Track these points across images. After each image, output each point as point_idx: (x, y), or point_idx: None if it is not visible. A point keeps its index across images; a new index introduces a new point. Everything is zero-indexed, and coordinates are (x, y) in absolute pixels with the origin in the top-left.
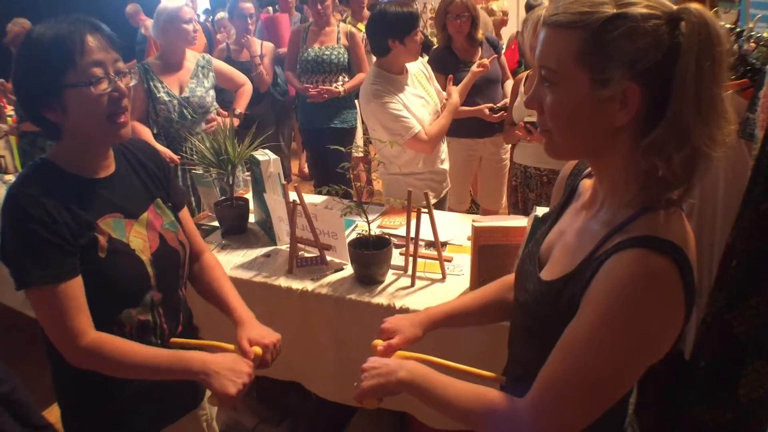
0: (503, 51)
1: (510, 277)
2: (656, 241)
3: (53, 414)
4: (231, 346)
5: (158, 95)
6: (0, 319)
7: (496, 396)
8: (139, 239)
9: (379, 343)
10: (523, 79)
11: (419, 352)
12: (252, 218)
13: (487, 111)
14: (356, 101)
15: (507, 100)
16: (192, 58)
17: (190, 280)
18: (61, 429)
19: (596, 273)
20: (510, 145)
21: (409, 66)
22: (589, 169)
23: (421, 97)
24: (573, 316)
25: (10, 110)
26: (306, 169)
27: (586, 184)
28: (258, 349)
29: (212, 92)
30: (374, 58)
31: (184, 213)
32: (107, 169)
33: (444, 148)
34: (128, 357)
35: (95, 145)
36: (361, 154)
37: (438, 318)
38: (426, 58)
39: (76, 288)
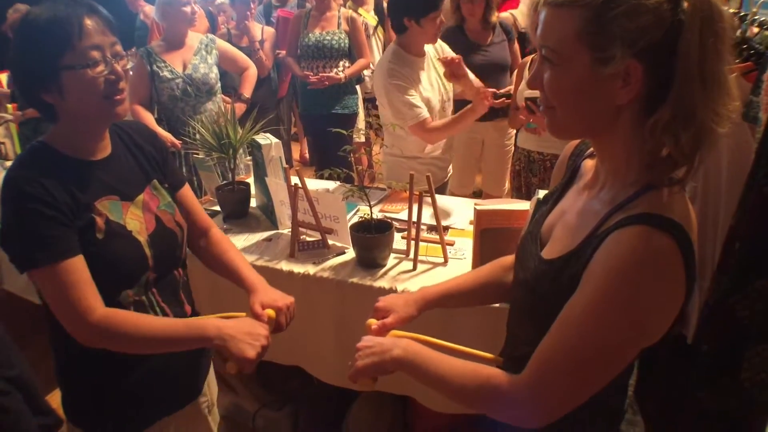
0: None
1: (506, 259)
2: (658, 218)
3: (55, 400)
4: (242, 314)
5: (161, 74)
6: (3, 306)
7: (491, 372)
8: (135, 221)
9: (373, 323)
10: (528, 63)
11: (415, 334)
12: (253, 203)
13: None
14: (357, 87)
15: (511, 87)
16: (195, 37)
17: (198, 256)
18: (62, 415)
19: (597, 250)
20: (514, 131)
21: (428, 48)
22: (591, 149)
23: (435, 82)
24: (572, 295)
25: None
26: (307, 155)
27: (588, 165)
28: (271, 312)
29: (216, 69)
30: (374, 44)
31: (185, 192)
32: (103, 151)
33: None
34: (141, 329)
35: (92, 125)
36: (362, 139)
37: (433, 297)
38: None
39: (80, 265)
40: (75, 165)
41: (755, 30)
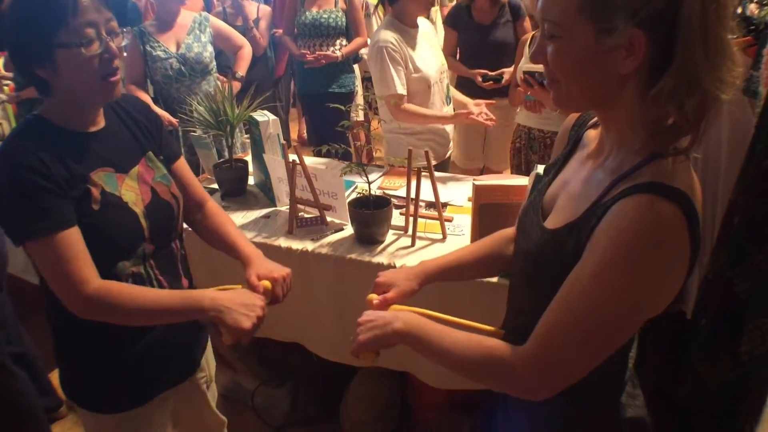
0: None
1: (506, 231)
2: (664, 187)
3: (53, 379)
4: (238, 286)
5: (155, 54)
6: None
7: (495, 344)
8: (131, 192)
9: (374, 297)
10: (528, 40)
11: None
12: (251, 180)
13: (479, 78)
14: (355, 66)
15: (503, 70)
16: (188, 16)
17: (195, 229)
18: (61, 394)
19: (602, 219)
20: (518, 108)
21: (422, 22)
22: (594, 120)
23: (430, 53)
24: (576, 264)
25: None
26: (305, 135)
27: (591, 135)
28: (267, 284)
29: (210, 48)
30: (375, 23)
31: (181, 165)
32: (97, 124)
33: (448, 109)
34: (137, 301)
35: (86, 102)
36: (361, 117)
37: (433, 271)
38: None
39: (76, 237)
40: (70, 137)
41: (755, 9)
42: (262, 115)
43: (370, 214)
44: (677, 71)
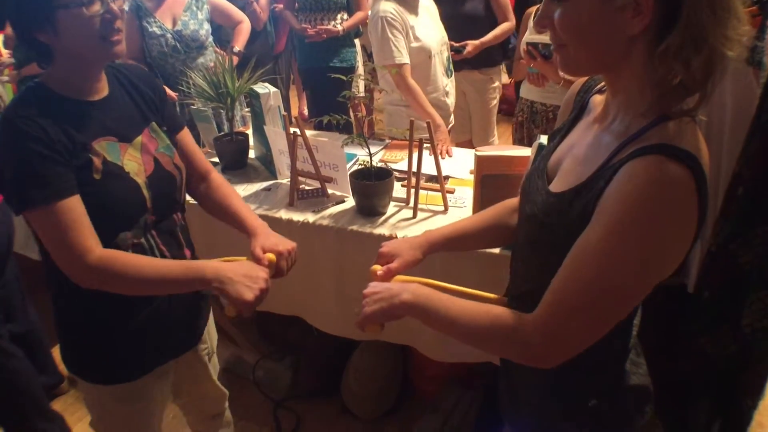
0: None
1: (510, 201)
2: (672, 148)
3: (57, 353)
4: (242, 258)
5: (150, 30)
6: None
7: (502, 311)
8: (133, 162)
9: (378, 268)
10: (532, 13)
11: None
12: (252, 154)
13: None
14: (356, 40)
15: (468, 42)
16: None
17: (198, 201)
18: (63, 370)
19: (610, 181)
20: (497, 83)
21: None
22: (600, 85)
23: (431, 24)
24: (583, 228)
25: (6, 55)
26: (306, 111)
27: (597, 99)
28: (272, 256)
29: (207, 25)
30: None
31: (184, 136)
32: (100, 92)
33: (449, 81)
34: (139, 271)
35: (88, 65)
36: (362, 90)
37: (437, 240)
38: None
39: (78, 205)
40: (71, 105)
41: None
42: (263, 87)
43: (372, 185)
44: (684, 28)
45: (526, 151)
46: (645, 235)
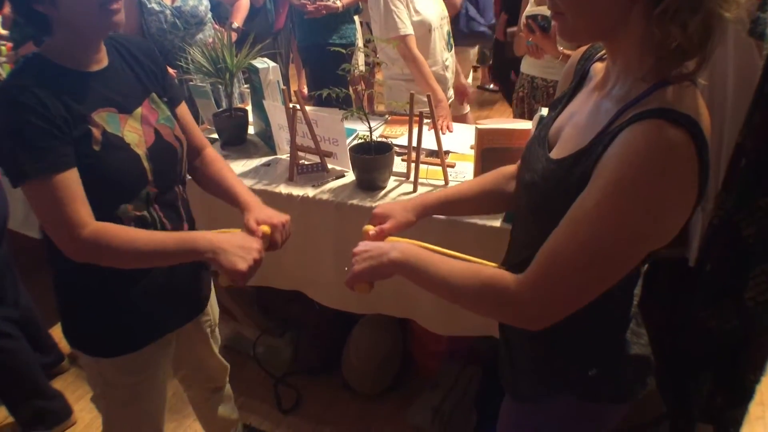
0: None
1: (507, 168)
2: (672, 113)
3: (56, 334)
4: (236, 230)
5: (149, 6)
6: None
7: (494, 272)
8: (134, 134)
9: (371, 228)
10: None
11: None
12: (251, 130)
13: None
14: (355, 17)
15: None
16: None
17: (193, 176)
18: (64, 348)
19: (609, 146)
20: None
21: None
22: (601, 53)
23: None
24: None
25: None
26: (305, 89)
27: (598, 67)
28: (266, 228)
29: (206, 1)
30: None
31: (182, 109)
32: (100, 63)
33: (449, 55)
34: (133, 243)
35: (87, 35)
36: (362, 64)
37: (432, 204)
38: None
39: (73, 179)
40: (70, 76)
41: None
42: (262, 62)
43: (372, 159)
44: None
45: (527, 125)
46: (642, 198)
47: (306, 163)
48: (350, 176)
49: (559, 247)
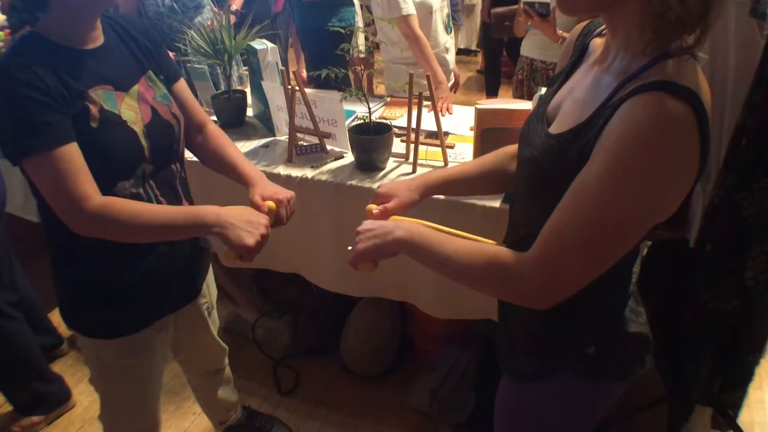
0: None
1: (509, 147)
2: (673, 85)
3: (55, 318)
4: (241, 208)
5: None
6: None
7: (497, 250)
8: (131, 111)
9: (374, 207)
10: None
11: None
12: (250, 113)
13: None
14: (355, 0)
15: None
16: None
17: (196, 153)
18: (63, 332)
19: (609, 119)
20: None
21: None
22: (601, 28)
23: None
24: (582, 168)
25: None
26: (304, 74)
27: (597, 42)
28: (272, 204)
29: None
30: None
31: (181, 86)
32: (96, 41)
33: (448, 38)
34: (139, 217)
35: (82, 12)
36: (361, 42)
37: (435, 183)
38: None
39: (75, 152)
40: (67, 53)
41: None
42: (261, 43)
43: (371, 139)
44: None
45: (527, 105)
46: (644, 171)
47: (305, 144)
48: (349, 157)
49: (560, 224)
